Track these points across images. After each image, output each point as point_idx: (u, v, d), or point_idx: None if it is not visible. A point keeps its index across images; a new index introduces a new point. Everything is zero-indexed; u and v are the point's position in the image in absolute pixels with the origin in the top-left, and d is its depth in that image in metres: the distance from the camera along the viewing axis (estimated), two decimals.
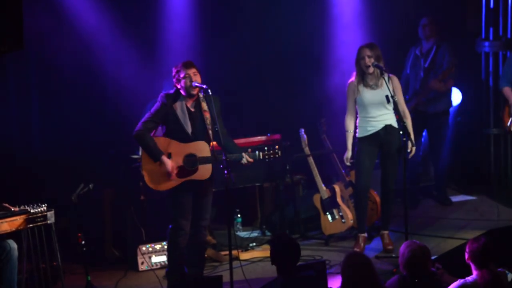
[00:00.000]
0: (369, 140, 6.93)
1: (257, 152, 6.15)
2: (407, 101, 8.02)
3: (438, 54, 8.13)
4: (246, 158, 6.05)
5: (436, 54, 8.13)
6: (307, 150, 7.53)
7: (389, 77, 6.81)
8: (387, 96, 6.73)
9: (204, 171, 6.05)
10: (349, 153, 7.04)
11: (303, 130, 7.57)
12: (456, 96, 8.79)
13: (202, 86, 5.91)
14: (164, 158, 5.93)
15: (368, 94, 6.86)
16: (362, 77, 6.87)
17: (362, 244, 7.05)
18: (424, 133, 8.41)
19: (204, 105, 6.07)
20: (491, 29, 8.79)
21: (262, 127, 7.86)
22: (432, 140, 8.39)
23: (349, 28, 8.67)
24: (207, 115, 6.06)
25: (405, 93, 8.04)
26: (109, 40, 7.93)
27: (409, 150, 6.73)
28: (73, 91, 7.79)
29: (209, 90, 5.88)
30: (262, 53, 8.57)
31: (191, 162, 6.01)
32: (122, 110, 7.81)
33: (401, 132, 6.55)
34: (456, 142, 8.98)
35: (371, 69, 6.77)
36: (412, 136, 6.67)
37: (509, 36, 8.71)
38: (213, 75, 7.55)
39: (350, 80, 6.95)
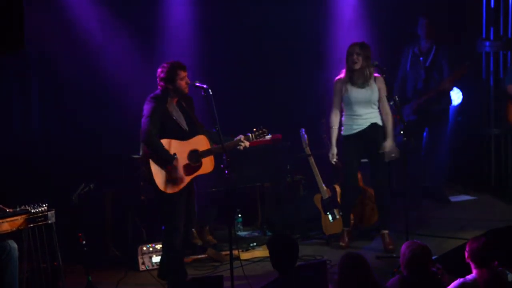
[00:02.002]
0: (355, 138, 6.99)
1: (249, 134, 6.24)
2: (408, 100, 8.05)
3: (439, 55, 8.13)
4: (243, 141, 6.16)
5: (436, 55, 8.14)
6: (307, 150, 7.53)
7: (375, 78, 6.88)
8: (387, 97, 6.80)
9: (208, 164, 6.11)
10: (333, 149, 7.08)
11: (303, 130, 7.56)
12: (457, 96, 8.79)
13: (203, 86, 5.94)
14: (175, 162, 5.94)
15: (355, 93, 6.91)
16: (351, 75, 6.91)
17: (346, 239, 7.16)
18: (424, 133, 8.41)
19: (183, 102, 6.13)
20: (491, 29, 8.79)
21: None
22: (433, 138, 8.39)
23: (351, 28, 8.67)
24: (190, 112, 6.13)
25: (403, 91, 8.08)
26: (109, 39, 7.93)
27: (384, 150, 6.86)
28: (74, 90, 7.78)
29: (210, 90, 5.89)
30: (262, 53, 8.56)
31: (194, 158, 6.04)
32: (122, 109, 7.80)
33: (401, 132, 6.55)
34: (456, 142, 8.98)
35: (357, 65, 6.83)
36: (391, 136, 6.90)
37: (509, 36, 8.72)
38: (213, 74, 7.56)
39: (338, 77, 7.01)
